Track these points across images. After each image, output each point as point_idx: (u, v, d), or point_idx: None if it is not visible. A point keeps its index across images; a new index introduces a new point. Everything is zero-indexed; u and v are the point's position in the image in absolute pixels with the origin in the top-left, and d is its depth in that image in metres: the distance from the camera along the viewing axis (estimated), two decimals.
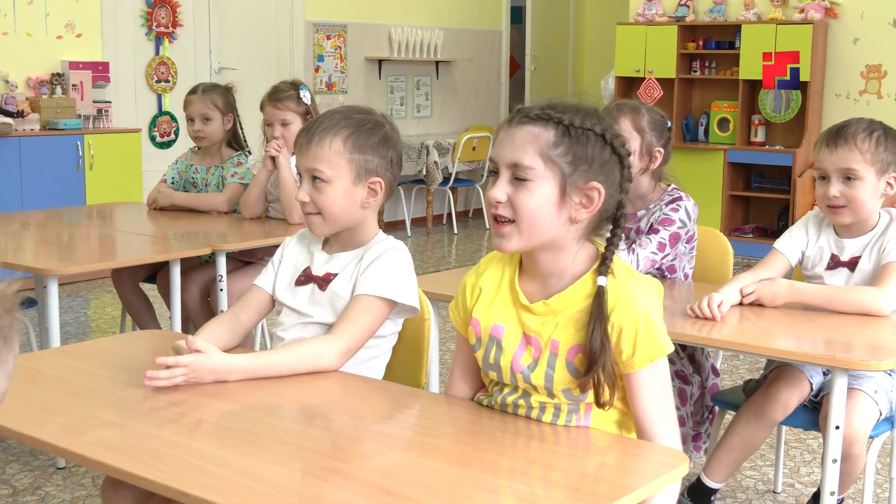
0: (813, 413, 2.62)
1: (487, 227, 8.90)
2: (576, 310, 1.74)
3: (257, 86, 4.51)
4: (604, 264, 1.73)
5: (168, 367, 1.91)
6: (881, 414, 2.52)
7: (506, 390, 1.82)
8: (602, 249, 1.76)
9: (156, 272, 4.09)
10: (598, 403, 1.72)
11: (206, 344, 1.95)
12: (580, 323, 1.72)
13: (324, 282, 2.14)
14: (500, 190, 1.72)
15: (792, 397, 2.62)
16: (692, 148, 7.83)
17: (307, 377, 1.99)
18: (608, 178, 1.72)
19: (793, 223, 7.24)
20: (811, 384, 2.65)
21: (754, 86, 7.58)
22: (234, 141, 4.28)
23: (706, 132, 7.90)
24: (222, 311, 3.68)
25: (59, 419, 1.78)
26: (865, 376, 2.53)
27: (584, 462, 1.65)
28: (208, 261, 3.94)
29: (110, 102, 6.58)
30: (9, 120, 5.86)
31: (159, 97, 7.09)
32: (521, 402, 1.79)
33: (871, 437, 2.51)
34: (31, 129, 6.07)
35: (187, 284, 3.86)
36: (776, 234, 7.56)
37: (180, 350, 1.96)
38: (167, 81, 7.11)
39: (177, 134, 7.17)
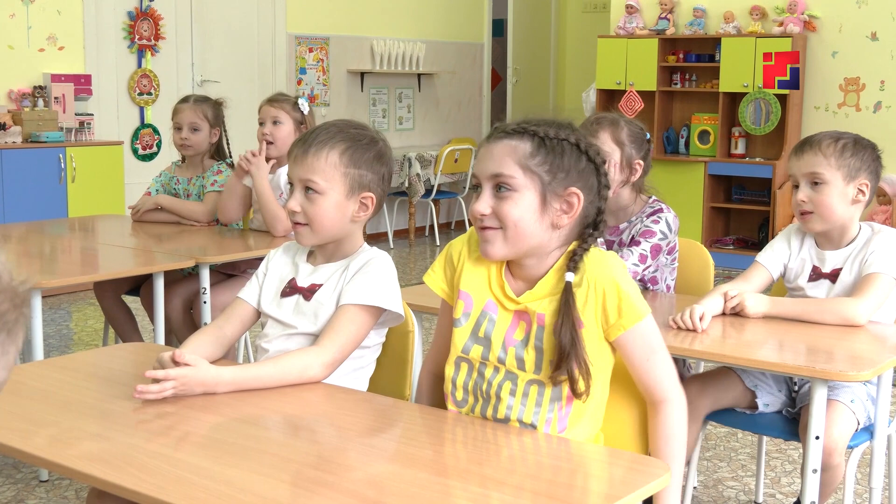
0: (792, 423, 2.65)
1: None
2: (549, 300, 1.81)
3: (240, 99, 4.53)
4: (573, 260, 1.78)
5: (157, 381, 1.91)
6: (859, 424, 2.55)
7: (488, 372, 1.85)
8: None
9: (139, 285, 4.09)
10: (576, 395, 1.79)
11: (194, 357, 1.96)
12: (555, 311, 1.80)
13: (308, 293, 2.15)
14: (484, 203, 1.79)
15: (724, 398, 2.69)
16: (673, 160, 7.88)
17: (293, 389, 2.00)
18: (586, 184, 1.80)
19: (773, 235, 7.32)
20: (753, 393, 2.69)
21: (734, 98, 7.65)
22: (218, 154, 4.30)
23: (687, 144, 7.96)
24: (206, 324, 3.69)
25: (45, 431, 1.79)
26: (842, 386, 2.55)
27: (568, 472, 1.66)
28: (191, 273, 3.94)
29: (92, 115, 6.58)
30: None
31: (141, 110, 7.08)
32: (507, 383, 1.83)
33: (850, 448, 2.53)
34: (13, 142, 6.06)
35: (170, 297, 3.87)
36: (757, 245, 7.62)
37: (165, 363, 1.97)
38: (149, 94, 7.10)
39: (159, 146, 7.17)
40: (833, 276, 2.71)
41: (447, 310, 1.98)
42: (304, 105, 4.00)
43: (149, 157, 7.10)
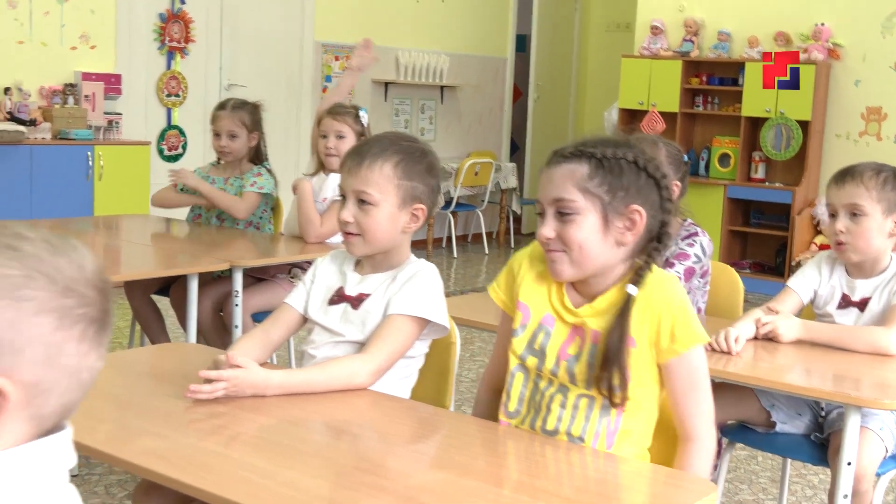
0: (820, 448, 2.69)
1: (486, 251, 8.98)
2: (605, 319, 1.85)
3: (266, 104, 4.59)
4: (638, 274, 1.82)
5: (209, 381, 1.96)
6: (887, 451, 2.59)
7: (542, 384, 1.90)
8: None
9: (168, 284, 4.15)
10: (612, 404, 1.82)
11: (246, 359, 2.01)
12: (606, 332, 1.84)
13: (357, 301, 2.19)
14: (548, 228, 1.84)
15: (736, 412, 2.74)
16: (693, 182, 7.90)
17: (340, 395, 2.05)
18: (647, 200, 1.83)
19: (790, 260, 7.37)
20: (769, 413, 2.73)
21: (756, 123, 7.69)
22: (256, 157, 4.35)
23: (707, 167, 8.00)
24: (236, 327, 3.75)
25: (103, 427, 1.84)
26: (872, 414, 2.59)
27: (615, 487, 1.70)
28: (221, 276, 3.99)
29: (121, 114, 6.64)
30: (21, 128, 5.91)
31: (169, 111, 7.15)
32: (559, 395, 1.87)
33: (878, 475, 2.57)
34: (43, 138, 6.12)
35: (200, 299, 3.90)
36: (773, 270, 7.66)
37: (220, 364, 2.02)
38: (177, 96, 7.17)
39: (184, 148, 7.23)
40: (862, 305, 2.75)
41: (507, 321, 2.02)
42: (364, 117, 4.07)
43: (174, 159, 7.16)
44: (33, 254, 0.97)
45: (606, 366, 1.80)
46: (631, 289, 1.82)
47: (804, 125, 7.38)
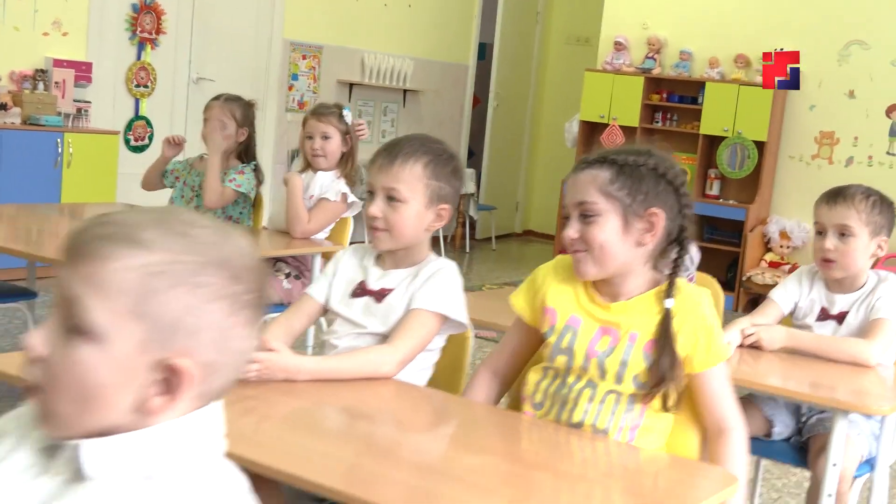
0: (800, 451, 2.83)
1: (442, 255, 9.05)
2: (643, 320, 1.96)
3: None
4: (670, 286, 1.93)
5: None
6: (862, 456, 2.74)
7: (570, 379, 2.00)
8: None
9: None
10: (665, 408, 1.95)
11: (279, 343, 2.08)
12: (649, 331, 1.95)
13: (380, 296, 2.28)
14: (572, 229, 1.96)
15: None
16: None
17: (366, 382, 2.13)
18: (665, 204, 1.95)
19: (741, 275, 7.58)
20: (771, 422, 2.87)
21: (713, 141, 7.90)
22: (245, 154, 4.40)
23: None
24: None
25: None
26: (852, 420, 2.74)
27: (639, 474, 1.81)
28: None
29: (90, 102, 6.63)
30: None
31: (137, 101, 7.14)
32: (588, 390, 1.98)
33: (854, 478, 2.72)
34: (12, 123, 6.09)
35: None
36: (725, 284, 7.85)
37: None
38: (146, 87, 7.17)
39: (151, 139, 7.22)
40: (840, 318, 2.90)
41: (520, 325, 2.15)
42: (347, 115, 4.15)
43: (140, 149, 7.15)
44: (205, 241, 1.04)
45: (663, 383, 1.92)
46: (669, 302, 1.93)
47: (760, 145, 7.61)
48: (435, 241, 9.45)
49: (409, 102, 9.40)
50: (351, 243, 3.33)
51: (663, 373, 1.92)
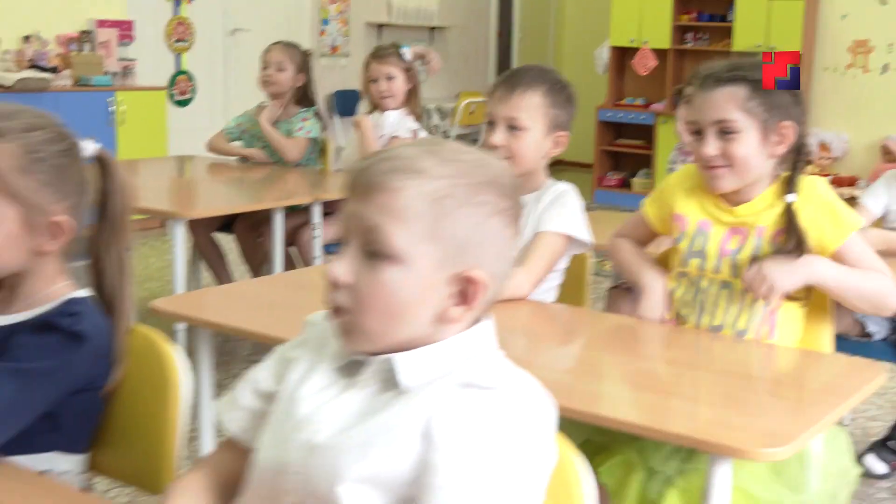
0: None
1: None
2: (768, 214, 2.07)
3: (266, 45, 4.68)
4: (791, 183, 2.05)
5: None
6: None
7: (704, 283, 2.12)
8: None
9: (224, 224, 4.31)
10: (796, 298, 2.08)
11: None
12: (774, 224, 2.07)
13: None
14: (711, 146, 2.05)
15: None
16: None
17: (501, 304, 2.25)
18: (794, 116, 2.05)
19: None
20: (863, 324, 2.99)
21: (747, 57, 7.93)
22: (304, 100, 4.51)
23: None
24: (315, 258, 3.94)
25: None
26: None
27: (791, 372, 1.95)
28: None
29: (135, 60, 6.71)
30: (45, 75, 5.98)
31: (178, 56, 7.22)
32: (724, 291, 2.10)
33: None
34: (65, 85, 6.19)
35: (266, 233, 4.09)
36: None
37: None
38: (185, 41, 7.25)
39: (194, 92, 7.32)
40: None
41: (643, 219, 2.29)
42: (406, 53, 4.24)
43: (184, 103, 7.25)
44: (475, 164, 1.16)
45: None
46: (790, 197, 2.04)
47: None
48: None
49: (436, 40, 9.44)
50: None
51: (793, 251, 2.01)
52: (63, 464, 1.55)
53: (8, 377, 1.41)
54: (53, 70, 6.15)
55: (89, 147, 1.59)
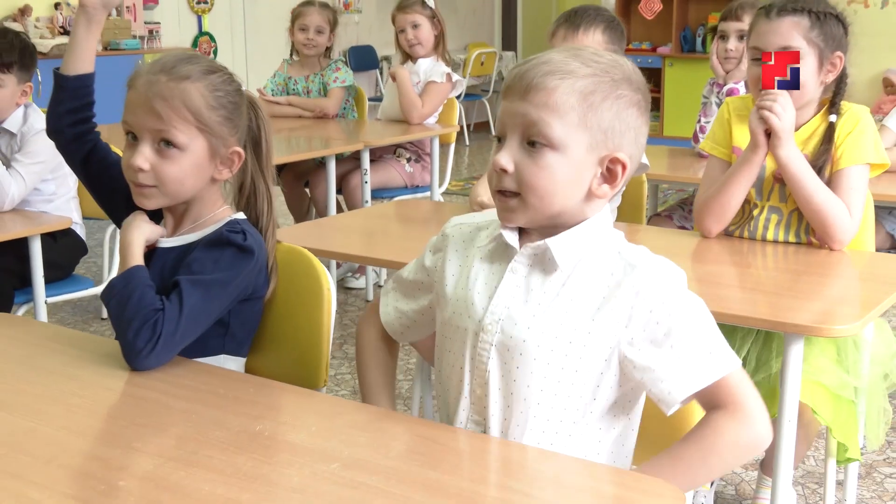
0: None
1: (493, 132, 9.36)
2: (812, 143, 2.29)
3: (283, 7, 4.87)
4: (833, 105, 2.28)
5: None
6: None
7: (756, 211, 2.34)
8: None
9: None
10: None
11: None
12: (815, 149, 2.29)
13: None
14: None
15: None
16: (690, 58, 8.38)
17: None
18: (844, 48, 2.28)
19: None
20: (893, 237, 3.22)
21: None
22: (328, 53, 4.73)
23: (703, 43, 8.45)
24: (366, 202, 4.17)
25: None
26: None
27: (841, 269, 2.20)
28: (321, 162, 4.36)
29: (159, 23, 6.90)
30: None
31: (199, 18, 7.41)
32: (774, 216, 2.33)
33: None
34: (96, 50, 6.37)
35: (317, 182, 4.32)
36: None
37: None
38: (206, 2, 7.43)
39: (216, 53, 7.51)
40: None
41: (716, 162, 2.44)
42: (430, 0, 4.45)
43: None
44: (611, 64, 1.38)
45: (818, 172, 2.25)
46: (832, 117, 2.27)
47: None
48: (483, 126, 9.79)
49: None
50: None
51: (817, 163, 2.24)
52: (230, 365, 1.79)
53: (193, 287, 1.64)
54: None
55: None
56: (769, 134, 2.22)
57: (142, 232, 1.74)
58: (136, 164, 1.68)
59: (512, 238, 1.43)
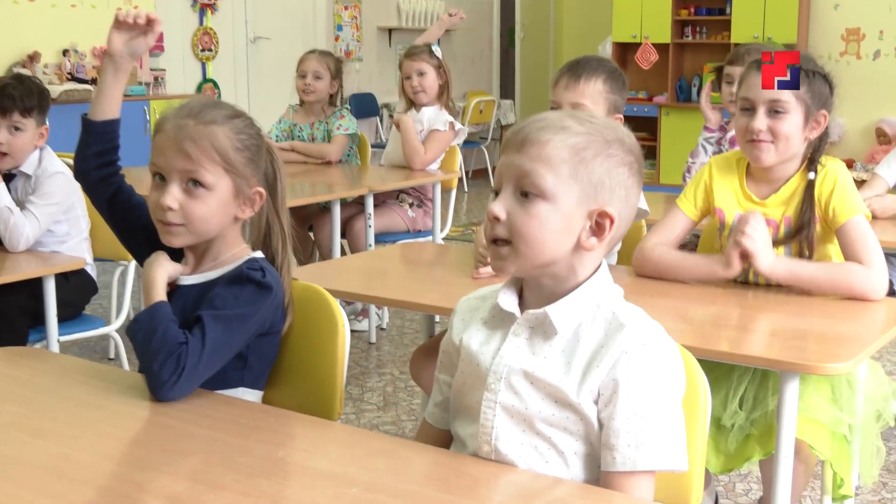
0: None
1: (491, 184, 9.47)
2: (793, 203, 2.35)
3: (285, 54, 4.99)
4: (812, 162, 2.35)
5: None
6: None
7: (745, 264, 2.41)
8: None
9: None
10: (804, 256, 2.35)
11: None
12: (798, 206, 2.34)
13: None
14: (761, 121, 2.30)
15: None
16: (685, 107, 8.53)
17: None
18: (829, 107, 2.35)
19: None
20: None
21: None
22: (335, 101, 4.83)
23: (699, 92, 8.58)
24: (370, 245, 4.26)
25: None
26: None
27: (836, 312, 2.27)
28: (325, 207, 4.46)
29: (164, 70, 7.02)
30: (88, 86, 6.29)
31: (203, 65, 7.54)
32: (761, 277, 2.38)
33: None
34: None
35: (321, 226, 4.42)
36: None
37: None
38: (210, 50, 7.56)
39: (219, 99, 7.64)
40: None
41: (682, 216, 2.47)
42: (437, 51, 4.57)
43: None
44: (605, 126, 1.46)
45: (798, 233, 2.32)
46: (811, 175, 2.33)
47: (788, 48, 7.99)
48: (481, 173, 9.91)
49: (443, 42, 9.75)
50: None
51: (803, 224, 2.30)
52: (248, 397, 1.86)
53: (214, 321, 1.72)
54: (92, 81, 6.45)
55: None
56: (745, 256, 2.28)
57: (164, 270, 1.82)
58: (166, 203, 1.76)
59: (511, 305, 1.49)
